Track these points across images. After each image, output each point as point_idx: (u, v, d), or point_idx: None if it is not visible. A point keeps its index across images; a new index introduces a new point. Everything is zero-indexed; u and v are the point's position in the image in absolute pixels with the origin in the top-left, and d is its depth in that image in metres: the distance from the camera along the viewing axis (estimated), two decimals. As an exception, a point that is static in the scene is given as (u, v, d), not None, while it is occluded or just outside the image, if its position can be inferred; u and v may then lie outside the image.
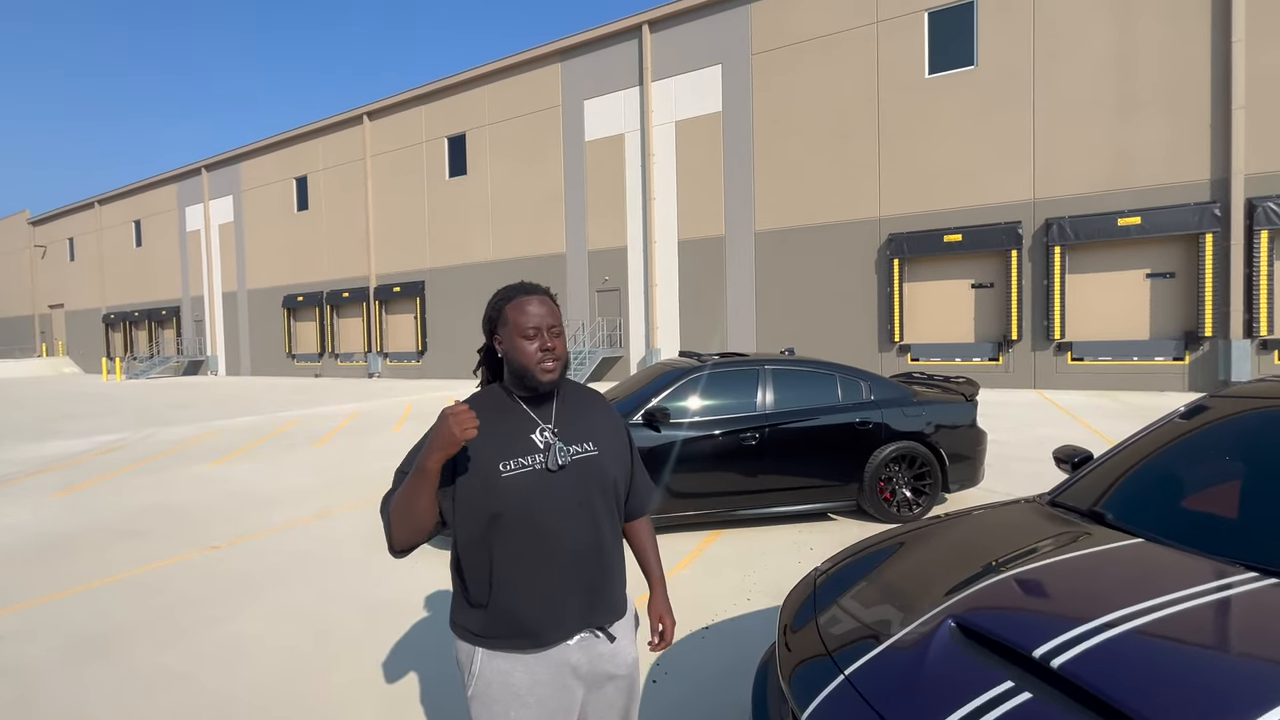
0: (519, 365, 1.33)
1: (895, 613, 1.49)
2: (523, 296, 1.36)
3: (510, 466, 1.27)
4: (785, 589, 3.56)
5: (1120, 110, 12.23)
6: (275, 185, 26.06)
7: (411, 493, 1.21)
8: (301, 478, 6.85)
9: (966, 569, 1.60)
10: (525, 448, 1.30)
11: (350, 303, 23.81)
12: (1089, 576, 1.46)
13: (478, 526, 1.26)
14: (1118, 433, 7.85)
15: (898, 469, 4.67)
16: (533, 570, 1.28)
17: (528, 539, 1.27)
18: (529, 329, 1.32)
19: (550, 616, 1.28)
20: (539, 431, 1.33)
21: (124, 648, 3.11)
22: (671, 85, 17.10)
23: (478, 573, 1.28)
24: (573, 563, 1.31)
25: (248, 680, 2.79)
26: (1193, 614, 1.23)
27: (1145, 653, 1.13)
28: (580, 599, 1.31)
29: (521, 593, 1.27)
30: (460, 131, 20.90)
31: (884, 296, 14.53)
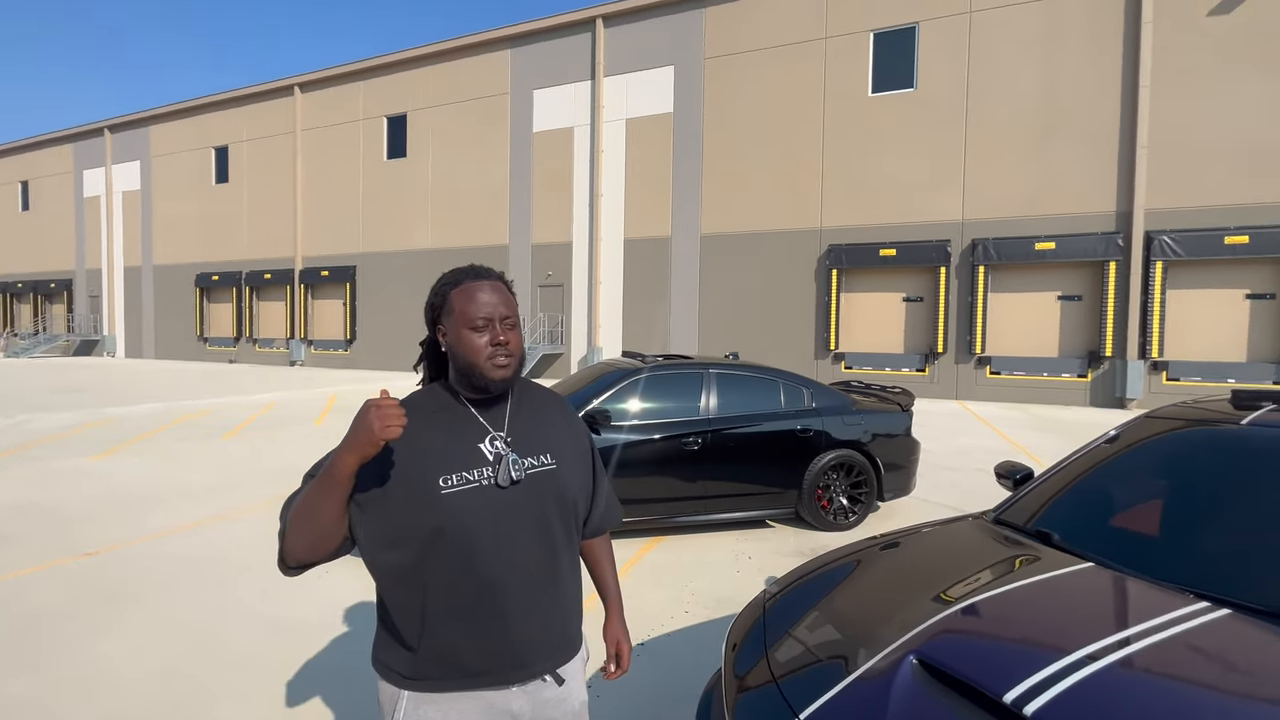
0: (465, 361, 1.13)
1: (852, 646, 1.38)
2: (471, 282, 1.16)
3: (453, 481, 1.07)
4: (724, 600, 3.47)
5: (1042, 141, 13.05)
6: (191, 154, 24.04)
7: (316, 499, 1.01)
8: (202, 474, 6.22)
9: (923, 596, 1.52)
10: (471, 459, 1.11)
11: (273, 285, 22.27)
12: (1047, 607, 1.40)
13: (407, 553, 1.06)
14: (1030, 443, 8.32)
15: (836, 477, 4.69)
16: (475, 607, 1.08)
17: (470, 569, 1.07)
18: (478, 319, 1.12)
19: (495, 661, 1.10)
20: (489, 440, 1.14)
21: None
22: (623, 82, 16.94)
23: (407, 609, 1.08)
24: (524, 597, 1.11)
25: (110, 712, 2.41)
26: (1156, 652, 1.18)
27: (1116, 700, 1.06)
28: (532, 639, 1.13)
29: (461, 634, 1.08)
30: (401, 112, 19.94)
31: (822, 305, 14.92)
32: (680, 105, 16.28)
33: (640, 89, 16.74)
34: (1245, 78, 11.57)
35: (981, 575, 1.58)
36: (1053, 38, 12.93)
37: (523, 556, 1.12)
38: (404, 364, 19.88)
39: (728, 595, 3.55)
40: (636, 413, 4.35)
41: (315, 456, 7.00)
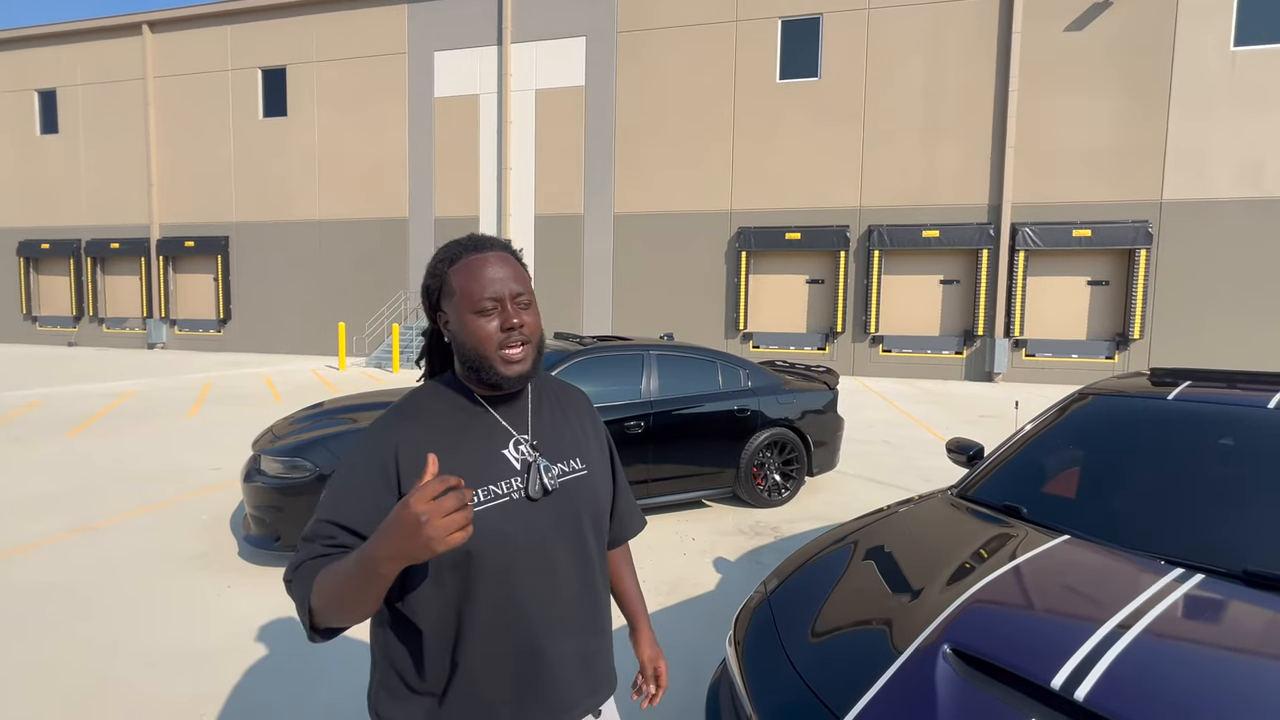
0: (473, 354, 0.95)
1: (877, 639, 1.36)
2: (472, 255, 0.97)
3: (479, 498, 0.92)
4: (675, 584, 3.45)
5: (927, 135, 14.11)
6: (6, 96, 20.13)
7: (354, 592, 0.80)
8: (49, 478, 5.26)
9: (932, 582, 1.53)
10: (497, 469, 0.95)
11: (121, 256, 19.34)
12: (1050, 583, 1.46)
13: (434, 587, 0.91)
14: (920, 414, 9.09)
15: (770, 455, 4.82)
16: (513, 645, 0.93)
17: (506, 598, 0.92)
18: (485, 300, 0.94)
19: (533, 705, 0.94)
20: (513, 445, 0.98)
21: None
22: (533, 50, 16.21)
23: (432, 652, 0.92)
24: (566, 628, 0.98)
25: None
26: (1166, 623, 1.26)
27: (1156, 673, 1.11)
28: (575, 675, 0.99)
29: (497, 671, 0.92)
30: (280, 65, 17.84)
31: (731, 286, 15.34)
32: (592, 79, 15.86)
33: (551, 59, 16.11)
34: (1095, 88, 13.13)
35: (977, 555, 1.63)
36: (938, 39, 13.92)
37: (562, 579, 0.98)
38: (288, 346, 18.12)
39: (678, 578, 3.53)
40: (577, 397, 4.18)
41: (192, 454, 6.17)
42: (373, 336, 17.37)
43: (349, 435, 3.62)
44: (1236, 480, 1.73)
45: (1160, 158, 12.97)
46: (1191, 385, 2.10)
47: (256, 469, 3.60)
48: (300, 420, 4.04)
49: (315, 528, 0.90)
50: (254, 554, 3.75)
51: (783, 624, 1.53)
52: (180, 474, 5.47)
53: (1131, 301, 13.06)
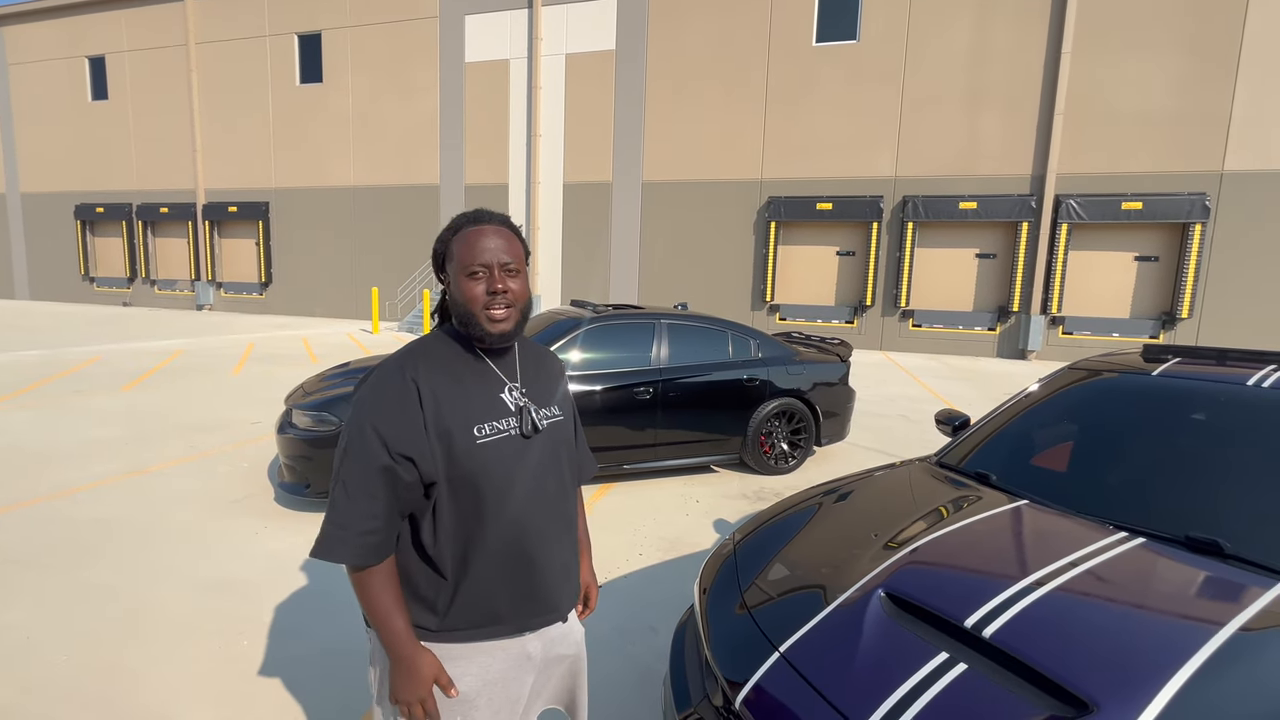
0: (463, 310, 1.11)
1: (822, 583, 1.48)
2: (473, 227, 1.13)
3: (485, 431, 1.09)
4: (675, 542, 3.61)
5: (969, 101, 13.51)
6: (59, 63, 20.87)
7: (374, 616, 1.06)
8: (106, 427, 5.72)
9: (883, 535, 1.64)
10: (497, 409, 1.12)
11: (171, 220, 20.15)
12: (993, 542, 1.55)
13: (447, 502, 1.08)
14: (947, 391, 8.99)
15: (778, 424, 4.91)
16: (511, 554, 1.11)
17: (506, 517, 1.10)
18: (475, 265, 1.09)
19: (525, 606, 1.13)
20: (507, 391, 1.15)
21: None
22: (563, 13, 15.98)
23: (443, 558, 1.08)
24: (552, 543, 1.17)
25: (30, 682, 2.26)
26: (1087, 579, 1.34)
27: (1061, 619, 1.20)
28: (558, 583, 1.18)
29: (498, 581, 1.10)
30: (315, 30, 18.01)
31: (759, 257, 15.18)
32: (623, 43, 15.59)
33: (581, 22, 15.87)
34: (1157, 50, 12.33)
35: (932, 515, 1.72)
36: None
37: (548, 504, 1.16)
38: (326, 309, 18.75)
39: (678, 536, 3.70)
40: (589, 362, 4.33)
41: (235, 408, 6.59)
42: (405, 302, 17.83)
43: (372, 393, 3.85)
44: (1203, 454, 1.77)
45: (1223, 126, 12.18)
46: (1180, 362, 2.11)
47: (289, 422, 3.87)
48: (329, 378, 4.30)
49: (363, 480, 1.02)
50: (287, 499, 4.06)
51: (743, 571, 1.66)
52: (224, 426, 5.86)
53: (1182, 278, 12.48)
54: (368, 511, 1.01)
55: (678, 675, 1.59)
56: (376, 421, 1.03)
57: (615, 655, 2.53)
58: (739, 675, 1.30)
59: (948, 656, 1.15)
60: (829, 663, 1.22)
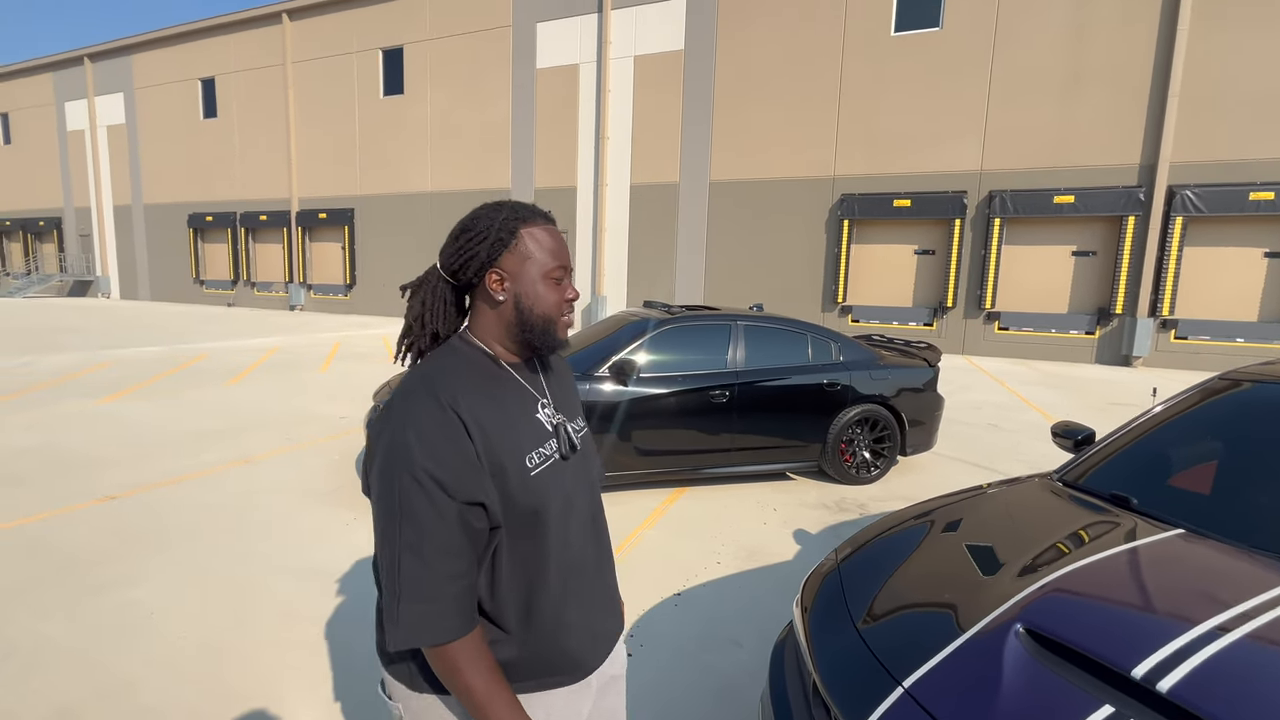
0: (540, 319, 0.98)
1: (948, 612, 1.35)
2: (544, 224, 1.00)
3: (535, 459, 0.96)
4: (754, 551, 3.49)
5: (1067, 89, 12.52)
6: (176, 85, 22.97)
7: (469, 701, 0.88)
8: (212, 419, 6.18)
9: (1013, 561, 1.48)
10: (539, 433, 0.99)
11: (269, 227, 21.75)
12: (1151, 576, 1.36)
13: (512, 542, 0.95)
14: (1039, 399, 8.34)
15: (860, 431, 4.68)
16: (568, 584, 1.00)
17: (562, 549, 0.99)
18: (556, 270, 0.98)
19: (592, 639, 1.04)
20: (540, 409, 1.02)
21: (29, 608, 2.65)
22: (632, 15, 16.06)
23: (508, 605, 0.95)
24: (601, 566, 1.09)
25: (151, 657, 2.42)
26: None
27: (1258, 675, 1.02)
28: (613, 606, 1.12)
29: (564, 616, 1.00)
30: (397, 45, 18.96)
31: (831, 256, 14.68)
32: (692, 43, 15.49)
33: (650, 24, 15.89)
34: (1290, 22, 11.00)
35: (1070, 540, 1.54)
36: (1090, -26, 12.20)
37: (594, 527, 1.08)
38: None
39: (757, 545, 3.58)
40: (663, 364, 4.27)
41: (324, 403, 6.98)
42: (477, 303, 18.43)
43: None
44: None
45: (1374, 104, 10.72)
46: (1366, 373, 1.81)
47: (376, 418, 4.03)
48: (413, 376, 4.46)
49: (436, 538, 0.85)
50: (374, 493, 4.23)
51: (850, 591, 1.54)
52: (315, 420, 6.21)
53: (1321, 277, 11.06)
54: (453, 572, 0.86)
55: (779, 698, 1.50)
56: (430, 466, 0.85)
57: (694, 665, 2.45)
58: (856, 709, 1.19)
59: (1113, 711, 1.00)
60: (966, 706, 1.09)
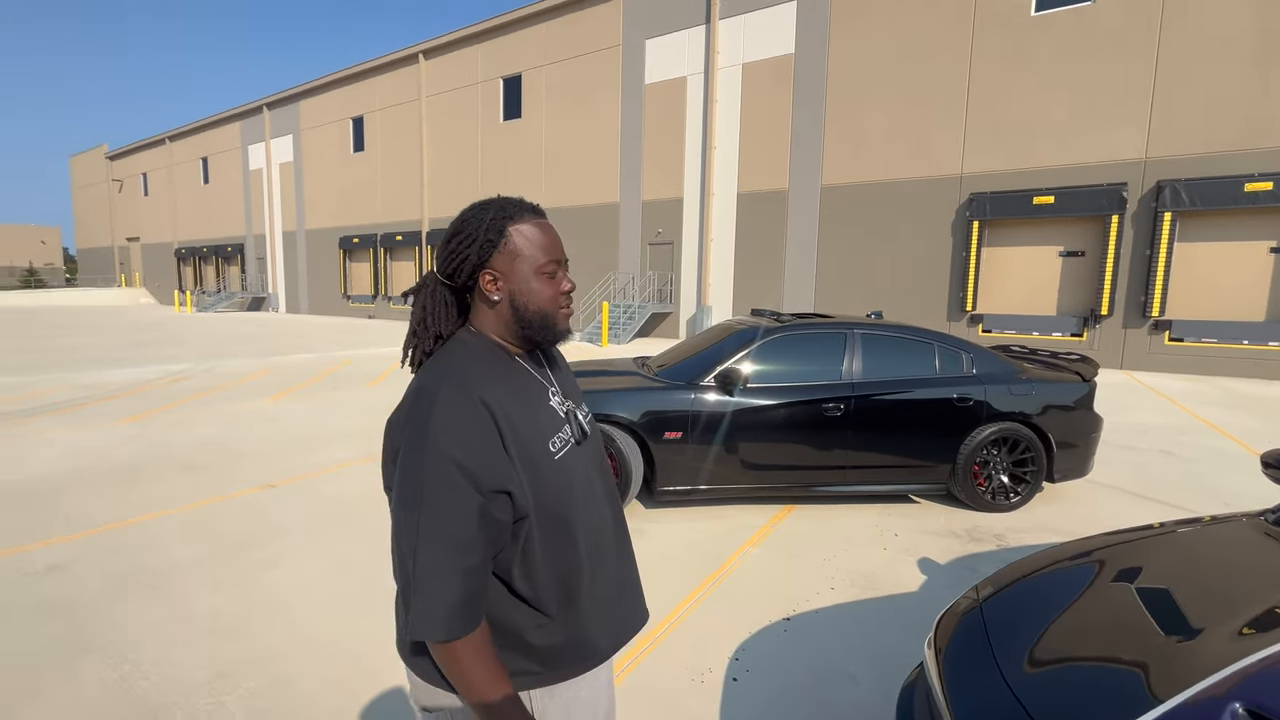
0: (538, 312, 0.99)
1: (1133, 673, 1.10)
2: (533, 219, 1.00)
3: (557, 444, 0.98)
4: (871, 579, 3.21)
5: (1261, 55, 10.63)
6: (333, 125, 26.10)
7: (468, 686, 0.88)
8: (354, 418, 6.83)
9: (1219, 621, 1.19)
10: (555, 419, 1.01)
11: (403, 246, 23.98)
12: None
13: (538, 530, 0.95)
14: (1226, 422, 7.04)
15: (997, 453, 4.18)
16: (596, 567, 1.01)
17: (589, 531, 1.00)
18: (550, 263, 0.99)
19: (618, 623, 1.06)
20: (552, 397, 1.04)
21: (176, 586, 3.04)
22: (740, 23, 15.93)
23: (544, 593, 0.95)
24: (621, 549, 1.09)
25: (295, 633, 2.65)
26: None
27: None
28: (636, 589, 1.12)
29: (597, 599, 1.01)
30: (516, 72, 20.23)
31: (959, 261, 13.51)
32: (803, 45, 15.06)
33: (759, 30, 15.67)
34: None
35: (1303, 600, 1.22)
36: (1292, -80, 10.32)
37: (611, 508, 1.09)
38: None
39: (874, 573, 3.28)
40: (772, 374, 4.09)
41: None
42: (586, 313, 19.04)
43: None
44: None
45: None
46: None
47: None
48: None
49: (453, 529, 0.85)
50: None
51: (996, 636, 1.32)
52: (438, 423, 6.66)
53: None
54: (466, 567, 0.85)
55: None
56: (459, 455, 0.85)
57: (807, 699, 2.26)
58: (1013, 783, 0.99)
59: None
60: (1166, 799, 0.87)
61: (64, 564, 3.26)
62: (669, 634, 2.67)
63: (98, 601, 2.88)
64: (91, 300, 34.79)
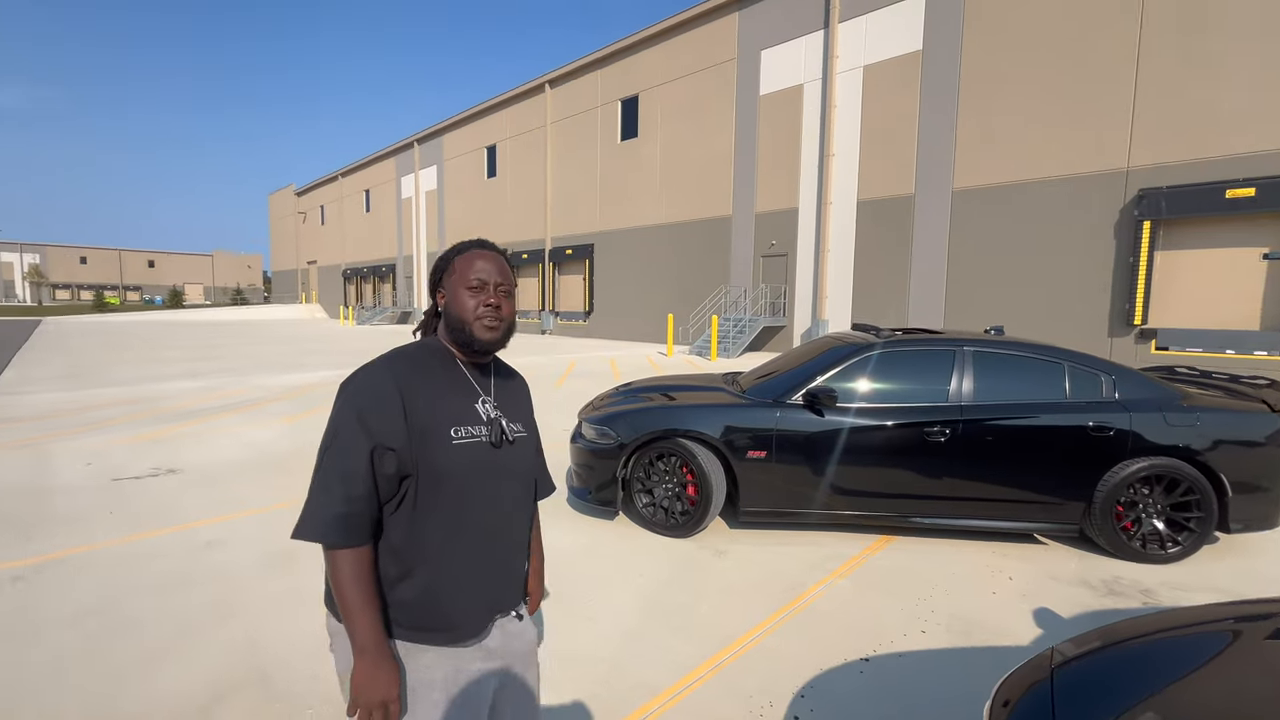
0: (457, 318, 1.21)
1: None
2: (476, 250, 1.26)
3: (461, 434, 1.16)
4: (973, 625, 2.86)
5: None
6: (469, 155, 28.65)
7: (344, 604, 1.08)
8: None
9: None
10: (472, 416, 1.20)
11: (528, 264, 25.60)
12: None
13: (418, 495, 1.13)
14: None
15: (1149, 493, 3.55)
16: (470, 551, 1.18)
17: (470, 515, 1.17)
18: (474, 279, 1.22)
19: (478, 602, 1.20)
20: (481, 402, 1.24)
21: (307, 568, 3.45)
22: (862, 24, 15.23)
23: (414, 550, 1.13)
24: (509, 546, 1.26)
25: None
26: None
27: None
28: (504, 582, 1.26)
29: (459, 575, 1.16)
30: (633, 94, 20.91)
31: (1123, 267, 11.75)
32: (932, 40, 14.05)
33: (881, 30, 14.87)
34: None
35: None
36: None
37: (509, 509, 1.24)
38: (633, 334, 21.25)
39: (977, 619, 2.92)
40: (868, 394, 3.81)
41: (553, 415, 7.81)
42: (696, 327, 19.05)
43: (645, 412, 4.06)
44: None
45: None
46: None
47: (579, 432, 4.34)
48: (612, 396, 4.71)
49: (347, 462, 1.07)
50: (575, 501, 4.55)
51: (1065, 713, 1.12)
52: (546, 430, 6.99)
53: None
54: (348, 495, 1.06)
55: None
56: (362, 412, 1.09)
57: (879, 754, 2.05)
58: None
59: None
60: None
61: (222, 540, 3.85)
62: (733, 660, 2.57)
63: (242, 575, 3.35)
64: (277, 315, 41.00)
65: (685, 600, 3.06)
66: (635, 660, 2.56)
